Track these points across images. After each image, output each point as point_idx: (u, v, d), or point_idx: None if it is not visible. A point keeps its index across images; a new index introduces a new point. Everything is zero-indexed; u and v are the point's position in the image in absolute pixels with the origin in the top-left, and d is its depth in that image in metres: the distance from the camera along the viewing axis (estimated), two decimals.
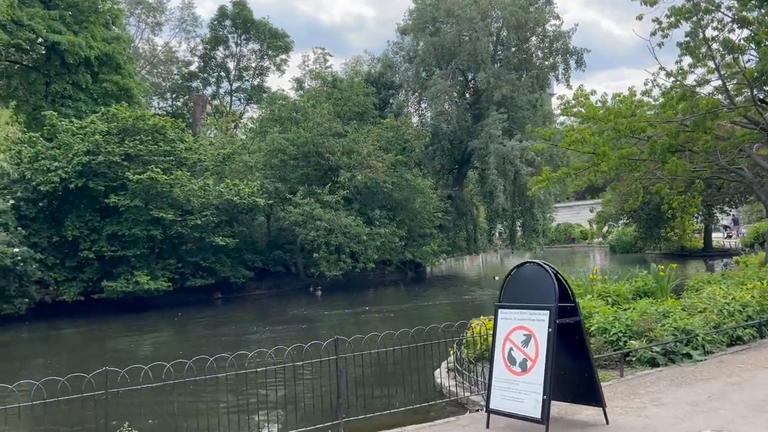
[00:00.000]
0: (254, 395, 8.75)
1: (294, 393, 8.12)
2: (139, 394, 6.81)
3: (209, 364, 7.00)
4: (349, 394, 8.23)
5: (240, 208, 34.51)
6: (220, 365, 7.38)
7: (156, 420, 8.83)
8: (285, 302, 33.22)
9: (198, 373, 7.08)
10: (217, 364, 7.14)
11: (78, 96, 40.35)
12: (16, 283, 29.28)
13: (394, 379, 9.70)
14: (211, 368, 6.98)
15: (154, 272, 31.76)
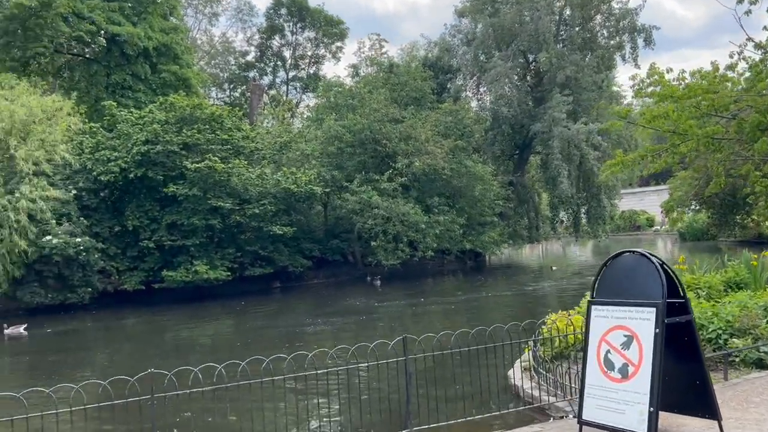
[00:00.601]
0: (314, 399, 7.97)
1: (358, 397, 7.28)
2: (189, 399, 6.11)
3: (265, 365, 6.22)
4: (417, 397, 7.34)
5: (297, 197, 34.09)
6: (277, 366, 6.60)
7: (206, 426, 8.18)
8: (342, 292, 32.67)
9: (253, 375, 6.32)
10: (274, 365, 6.35)
11: (137, 87, 40.74)
12: (79, 273, 29.70)
13: (464, 379, 8.76)
14: (268, 370, 6.20)
15: (213, 261, 31.70)
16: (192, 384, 6.08)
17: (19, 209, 27.32)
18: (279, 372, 6.74)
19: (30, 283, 28.92)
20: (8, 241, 27.11)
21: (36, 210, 27.89)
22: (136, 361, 17.52)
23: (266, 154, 36.54)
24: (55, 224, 28.67)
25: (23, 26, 37.14)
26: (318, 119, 41.83)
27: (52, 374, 16.21)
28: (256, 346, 17.84)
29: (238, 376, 6.40)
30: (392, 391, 7.31)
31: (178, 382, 6.17)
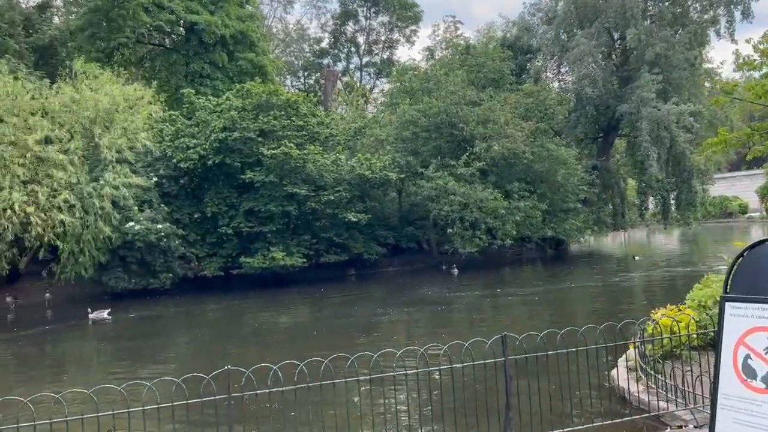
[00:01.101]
0: (401, 400, 7.30)
1: (452, 400, 6.56)
2: (267, 398, 5.56)
3: (350, 363, 5.58)
4: (519, 403, 6.54)
5: (372, 183, 33.62)
6: (358, 363, 5.95)
7: (287, 427, 7.66)
8: (417, 280, 31.98)
9: (336, 374, 5.71)
10: (357, 362, 5.71)
11: (215, 75, 41.27)
12: (161, 259, 30.34)
13: (562, 380, 7.87)
14: (352, 367, 5.56)
15: (290, 248, 31.73)
16: (271, 383, 5.52)
17: (103, 196, 28.06)
18: (362, 370, 6.09)
19: (114, 268, 29.76)
20: (93, 227, 27.91)
21: (119, 197, 28.59)
22: (216, 348, 17.48)
23: (341, 140, 36.25)
24: (137, 211, 29.34)
25: (107, 17, 38.23)
26: (392, 104, 41.18)
27: (134, 361, 16.37)
28: (332, 336, 17.47)
29: (321, 375, 5.81)
30: (489, 394, 6.53)
31: (256, 379, 5.62)
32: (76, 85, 30.28)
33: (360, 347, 15.59)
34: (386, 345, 15.81)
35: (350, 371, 5.79)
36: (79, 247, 28.12)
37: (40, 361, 17.69)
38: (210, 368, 14.46)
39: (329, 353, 14.80)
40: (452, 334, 16.54)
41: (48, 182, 27.41)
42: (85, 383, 14.26)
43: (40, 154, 27.47)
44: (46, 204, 26.79)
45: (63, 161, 27.80)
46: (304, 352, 15.68)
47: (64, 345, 19.97)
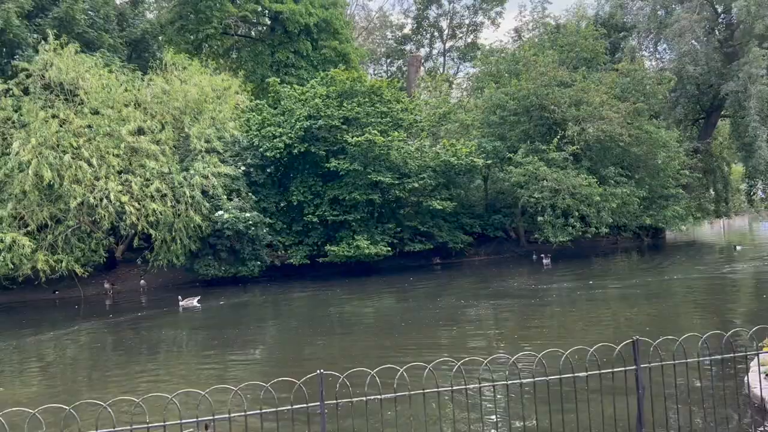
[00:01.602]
0: (507, 414, 6.50)
1: (575, 416, 5.70)
2: (361, 404, 4.93)
3: (456, 369, 4.85)
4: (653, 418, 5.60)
5: (457, 170, 32.69)
6: (459, 368, 5.22)
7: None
8: (505, 270, 30.80)
9: (426, 382, 4.99)
10: (454, 366, 4.97)
11: (300, 64, 41.39)
12: (249, 247, 30.69)
13: (690, 388, 6.82)
14: (458, 373, 4.82)
15: (374, 237, 31.38)
16: (368, 389, 4.87)
17: (193, 185, 28.55)
18: (465, 375, 5.34)
19: (205, 256, 30.35)
20: (184, 216, 28.48)
21: (209, 186, 29.03)
22: (302, 338, 17.21)
23: (425, 126, 35.44)
24: (226, 200, 29.73)
25: (195, 9, 39.03)
26: (478, 88, 40.00)
27: (223, 349, 16.32)
28: (418, 328, 16.76)
29: (424, 380, 5.12)
30: (617, 407, 5.63)
31: (350, 383, 4.98)
32: (167, 77, 30.95)
33: (450, 343, 14.83)
34: (478, 341, 15.03)
35: (441, 376, 5.05)
36: (171, 236, 28.80)
37: (135, 347, 18.00)
38: (297, 360, 14.14)
39: (418, 349, 14.28)
40: (545, 332, 15.51)
41: (141, 172, 28.15)
42: (176, 372, 14.34)
43: (134, 144, 28.24)
44: (139, 193, 27.52)
45: (155, 151, 28.47)
46: (392, 346, 15.15)
47: (157, 331, 20.32)
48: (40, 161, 26.04)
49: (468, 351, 13.90)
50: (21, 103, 27.58)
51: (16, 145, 26.16)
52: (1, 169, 26.56)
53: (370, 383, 4.92)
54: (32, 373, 15.70)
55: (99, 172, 27.01)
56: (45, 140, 26.52)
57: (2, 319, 25.63)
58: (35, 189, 26.56)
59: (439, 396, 5.13)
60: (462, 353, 13.24)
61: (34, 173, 25.96)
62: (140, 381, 13.58)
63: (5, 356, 17.93)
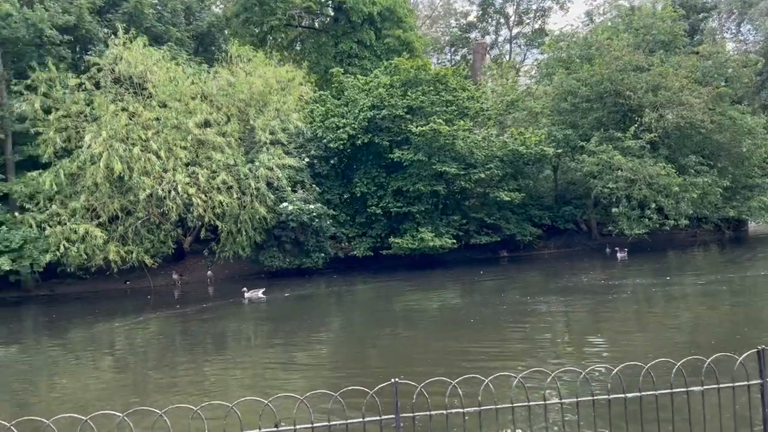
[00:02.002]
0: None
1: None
2: (441, 418, 4.38)
3: (550, 380, 4.25)
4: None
5: (526, 160, 31.61)
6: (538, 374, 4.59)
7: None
8: (576, 264, 29.56)
9: (509, 392, 4.39)
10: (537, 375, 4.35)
11: (363, 54, 40.99)
12: (313, 239, 30.61)
13: None
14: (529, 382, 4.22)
15: (439, 229, 30.73)
16: (448, 400, 4.33)
17: (258, 177, 28.62)
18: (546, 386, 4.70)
19: (270, 247, 30.46)
20: (250, 207, 28.60)
21: (273, 178, 29.04)
22: (367, 332, 16.83)
23: (491, 114, 34.44)
24: (290, 191, 29.70)
25: (260, 1, 39.21)
26: (547, 74, 38.58)
27: (288, 343, 16.12)
28: (485, 325, 16.05)
29: (513, 388, 4.53)
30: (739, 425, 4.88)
31: (427, 391, 4.44)
32: (232, 69, 31.12)
33: (522, 345, 14.05)
34: (550, 342, 14.18)
35: (528, 388, 4.43)
36: (237, 227, 29.00)
37: (202, 339, 18.06)
38: (362, 357, 13.71)
39: (488, 350, 13.60)
40: (623, 331, 14.52)
41: (207, 164, 28.41)
42: (241, 365, 14.19)
43: (200, 137, 28.52)
44: (206, 185, 27.78)
45: (221, 143, 28.68)
46: (460, 346, 14.51)
47: (223, 323, 20.39)
48: (111, 154, 26.62)
49: (540, 354, 13.16)
50: (93, 97, 28.27)
51: (88, 138, 26.83)
52: (75, 161, 27.32)
53: (447, 393, 4.37)
54: (104, 362, 15.92)
55: (167, 164, 27.40)
56: (115, 133, 27.09)
57: (76, 309, 26.41)
58: (106, 181, 27.19)
59: (530, 411, 4.52)
60: (534, 356, 12.51)
61: (105, 166, 26.56)
62: (207, 374, 13.48)
63: (79, 345, 18.33)
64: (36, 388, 13.63)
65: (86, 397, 12.33)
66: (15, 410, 11.77)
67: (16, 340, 19.99)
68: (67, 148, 28.29)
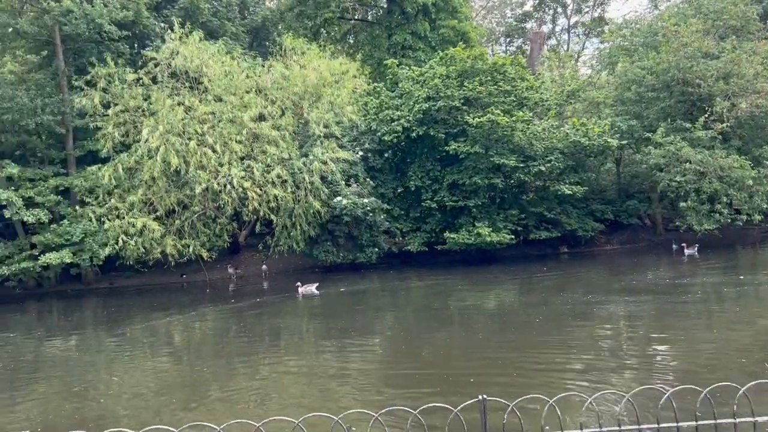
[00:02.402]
0: None
1: None
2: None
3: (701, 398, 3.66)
4: None
5: (588, 152, 30.41)
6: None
7: None
8: (641, 261, 28.31)
9: (601, 414, 3.80)
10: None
11: (417, 45, 40.38)
12: (367, 233, 30.26)
13: None
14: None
15: (496, 224, 29.90)
16: (545, 421, 3.78)
17: (312, 171, 28.42)
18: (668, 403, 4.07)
19: (324, 242, 30.27)
20: (304, 201, 28.44)
21: (327, 171, 28.80)
22: (423, 331, 16.33)
23: (551, 105, 33.32)
24: (344, 185, 29.42)
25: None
26: (609, 63, 37.13)
27: (342, 341, 15.79)
28: (549, 328, 15.27)
29: (583, 411, 3.93)
30: None
31: (520, 411, 3.90)
32: (286, 62, 31.01)
33: (584, 351, 13.27)
34: (617, 349, 13.30)
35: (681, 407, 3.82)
36: (291, 221, 28.90)
37: (258, 334, 17.93)
38: (417, 357, 13.19)
39: (549, 354, 12.89)
40: (698, 339, 13.54)
41: (262, 158, 28.37)
42: (297, 362, 13.93)
43: (255, 130, 28.49)
44: (260, 179, 27.74)
45: (275, 137, 28.59)
46: (518, 348, 13.84)
47: (278, 318, 20.25)
48: (168, 148, 26.84)
49: (606, 365, 12.40)
50: (150, 92, 28.58)
51: (145, 133, 27.12)
52: (132, 156, 27.67)
53: (544, 413, 3.82)
54: (161, 356, 15.92)
55: (222, 158, 27.47)
56: (172, 127, 27.30)
57: (134, 301, 26.80)
58: (163, 175, 27.45)
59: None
60: (599, 369, 11.73)
61: (162, 160, 26.80)
62: (262, 371, 13.28)
63: (137, 338, 18.47)
64: (95, 380, 13.71)
65: (143, 392, 12.30)
66: (73, 406, 11.83)
67: (76, 333, 20.32)
68: (125, 143, 28.71)
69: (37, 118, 28.71)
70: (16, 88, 29.02)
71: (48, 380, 13.95)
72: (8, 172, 28.34)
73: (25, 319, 24.55)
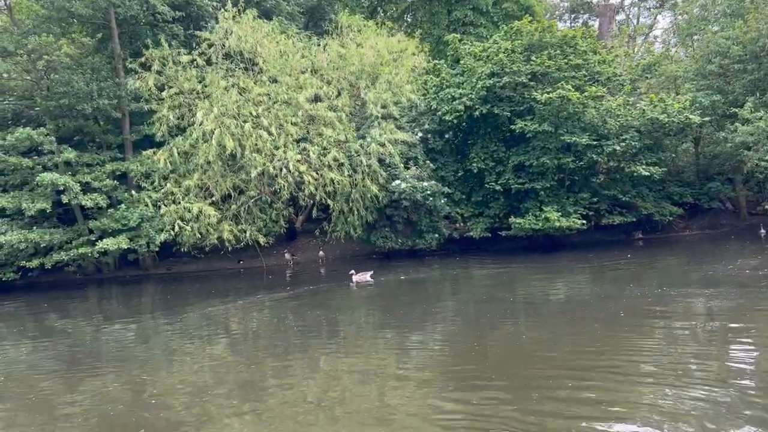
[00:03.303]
0: None
1: None
2: None
3: None
4: None
5: (667, 130, 28.41)
6: None
7: None
8: (723, 248, 26.28)
9: None
10: None
11: (479, 21, 38.84)
12: (426, 219, 29.20)
13: None
14: None
15: (565, 208, 28.32)
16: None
17: (370, 154, 27.52)
18: None
19: (382, 228, 29.38)
20: (361, 185, 27.59)
21: (385, 154, 27.85)
22: (487, 325, 15.21)
23: (624, 80, 31.36)
24: (402, 168, 28.42)
25: None
26: (688, 34, 34.77)
27: (401, 336, 14.86)
28: (621, 323, 13.89)
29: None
30: None
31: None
32: (342, 41, 30.11)
33: (658, 353, 11.82)
34: (696, 352, 11.86)
35: None
36: (349, 206, 28.13)
37: (314, 324, 17.21)
38: (482, 354, 12.12)
39: (623, 355, 11.60)
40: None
41: (318, 141, 27.63)
42: (354, 353, 13.10)
43: (311, 112, 27.75)
44: (317, 163, 27.03)
45: (332, 119, 27.79)
46: (589, 346, 12.49)
47: (335, 307, 19.49)
48: (222, 131, 26.38)
49: (684, 371, 11.05)
50: (204, 74, 28.17)
51: (199, 115, 26.73)
52: (187, 139, 27.35)
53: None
54: (218, 346, 15.40)
55: (278, 141, 26.85)
56: (226, 109, 26.82)
57: (192, 288, 26.58)
58: (219, 159, 27.05)
59: None
60: (677, 374, 10.44)
61: (217, 143, 26.38)
62: (319, 369, 12.52)
63: (194, 326, 18.04)
64: (154, 369, 13.27)
65: (199, 386, 11.73)
66: (134, 395, 11.43)
67: (134, 320, 20.08)
68: (180, 126, 28.44)
69: (94, 103, 28.70)
70: (73, 72, 29.04)
71: (105, 370, 13.57)
72: (66, 156, 28.47)
73: (84, 305, 24.60)
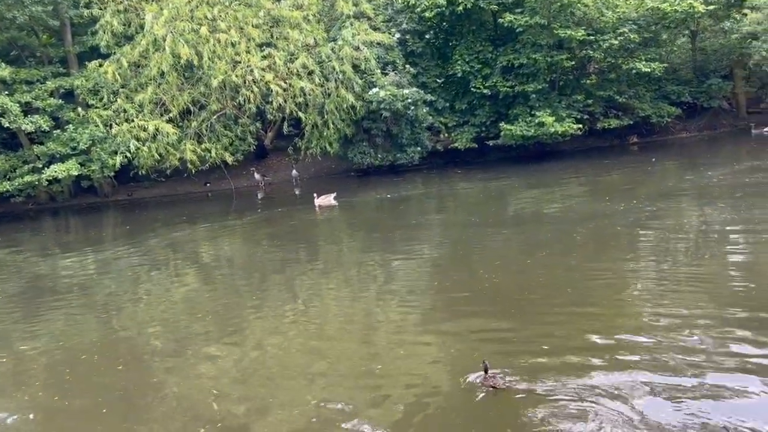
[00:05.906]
0: None
1: None
2: None
3: None
4: None
5: (669, 21, 26.66)
6: None
7: None
8: (720, 151, 25.23)
9: None
10: None
11: None
12: (407, 130, 27.56)
13: None
14: None
15: (558, 112, 26.79)
16: None
17: (342, 58, 25.58)
18: None
19: (359, 142, 27.74)
20: (335, 95, 25.77)
21: (360, 59, 25.88)
22: (477, 245, 13.99)
23: None
24: (380, 75, 26.54)
25: None
26: None
27: (383, 256, 13.60)
28: (625, 244, 12.46)
29: None
30: None
31: None
32: None
33: (648, 280, 10.40)
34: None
35: None
36: (322, 119, 26.38)
37: (291, 247, 15.97)
38: (475, 276, 10.85)
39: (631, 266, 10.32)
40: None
41: (284, 45, 25.55)
42: (334, 277, 11.78)
43: (274, 11, 25.46)
44: (284, 70, 25.03)
45: (297, 19, 25.57)
46: (594, 266, 11.17)
47: (312, 231, 18.25)
48: (175, 36, 24.11)
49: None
50: None
51: (148, 19, 24.33)
52: (136, 48, 25.01)
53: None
54: (187, 275, 14.13)
55: (239, 46, 24.66)
56: (178, 12, 24.45)
57: (156, 214, 25.05)
58: (173, 70, 24.91)
59: None
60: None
61: (170, 51, 24.14)
62: (298, 286, 11.30)
63: (160, 254, 16.73)
64: (118, 303, 12.10)
65: (172, 318, 10.55)
66: (105, 331, 10.35)
67: (93, 249, 18.58)
68: (127, 35, 26.03)
69: (26, 10, 25.94)
70: None
71: (66, 305, 12.21)
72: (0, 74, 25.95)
73: (37, 237, 22.99)
